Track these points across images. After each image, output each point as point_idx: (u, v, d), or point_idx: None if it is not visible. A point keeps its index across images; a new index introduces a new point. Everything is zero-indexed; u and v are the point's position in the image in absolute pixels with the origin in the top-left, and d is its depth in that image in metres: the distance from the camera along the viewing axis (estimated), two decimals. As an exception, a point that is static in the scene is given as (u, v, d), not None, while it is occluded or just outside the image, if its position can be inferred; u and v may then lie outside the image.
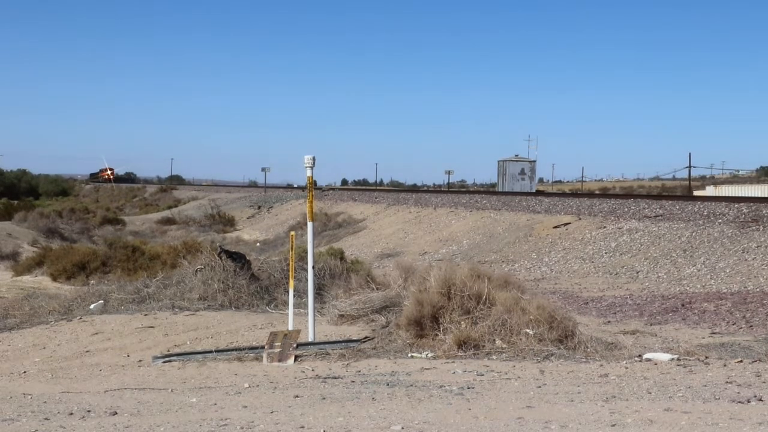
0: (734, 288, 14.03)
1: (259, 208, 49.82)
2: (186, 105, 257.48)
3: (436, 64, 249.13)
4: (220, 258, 13.06)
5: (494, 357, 8.12)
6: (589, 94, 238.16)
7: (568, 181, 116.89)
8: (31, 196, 76.69)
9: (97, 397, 6.70)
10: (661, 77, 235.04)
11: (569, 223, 23.55)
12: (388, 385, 6.77)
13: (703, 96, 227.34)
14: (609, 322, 11.74)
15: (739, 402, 5.57)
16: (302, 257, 12.43)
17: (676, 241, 18.57)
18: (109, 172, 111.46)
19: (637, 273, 16.94)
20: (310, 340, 9.11)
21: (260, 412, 5.55)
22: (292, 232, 11.16)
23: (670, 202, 24.88)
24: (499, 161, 54.65)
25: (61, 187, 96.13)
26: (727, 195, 42.35)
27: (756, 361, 7.91)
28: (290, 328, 9.47)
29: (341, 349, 8.76)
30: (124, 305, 12.56)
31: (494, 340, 8.44)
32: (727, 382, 6.54)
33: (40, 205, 53.14)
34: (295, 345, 8.74)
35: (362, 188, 75.28)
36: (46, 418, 5.50)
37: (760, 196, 39.06)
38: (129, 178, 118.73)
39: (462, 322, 8.69)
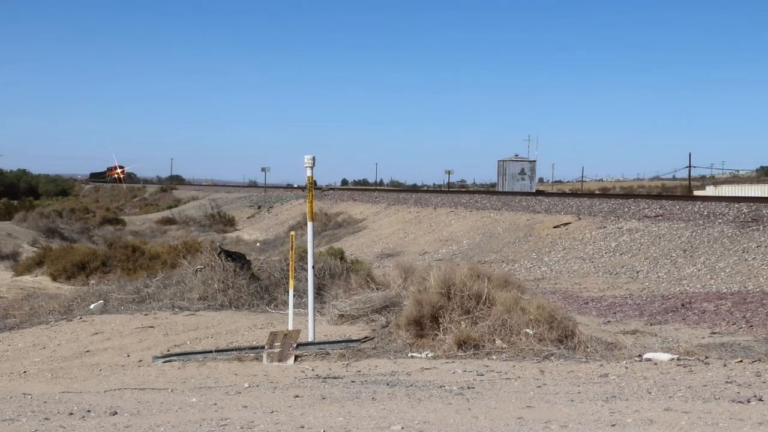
0: (734, 288, 14.02)
1: (259, 208, 49.81)
2: (186, 105, 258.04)
3: (436, 64, 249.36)
4: (220, 258, 13.05)
5: (494, 357, 8.12)
6: (589, 94, 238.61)
7: (568, 181, 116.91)
8: (31, 196, 76.58)
9: (97, 397, 6.70)
10: (661, 77, 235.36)
11: (569, 223, 23.54)
12: (388, 385, 6.76)
13: (703, 96, 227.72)
14: (609, 322, 11.74)
15: (739, 402, 5.57)
16: (302, 257, 12.43)
17: (676, 241, 18.57)
18: (119, 170, 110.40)
19: (637, 273, 16.94)
20: (310, 340, 9.11)
21: (260, 412, 5.54)
22: (292, 232, 11.16)
23: (670, 202, 24.87)
24: (499, 161, 54.67)
25: (61, 187, 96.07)
26: (727, 195, 42.35)
27: (756, 361, 7.91)
28: (290, 328, 9.47)
29: (341, 349, 8.76)
30: (124, 305, 12.56)
31: (494, 340, 8.44)
32: (727, 382, 6.54)
33: (40, 205, 53.08)
34: (295, 345, 8.74)
35: (362, 188, 75.23)
36: (46, 418, 5.50)
37: (760, 196, 39.07)
38: (128, 178, 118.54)
39: (462, 322, 8.69)
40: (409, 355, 8.43)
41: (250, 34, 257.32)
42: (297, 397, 6.29)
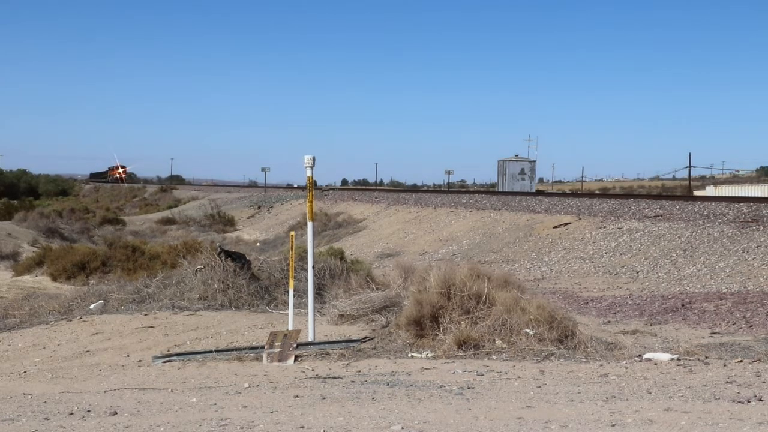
0: (734, 288, 14.02)
1: (259, 208, 49.80)
2: (186, 105, 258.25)
3: (436, 64, 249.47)
4: (220, 258, 13.05)
5: (494, 357, 8.12)
6: (589, 94, 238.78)
7: (568, 181, 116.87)
8: (31, 196, 76.57)
9: (97, 397, 6.70)
10: (661, 77, 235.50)
11: (569, 223, 23.54)
12: (388, 385, 6.76)
13: (703, 96, 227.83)
14: (609, 322, 11.74)
15: (739, 402, 5.57)
16: (302, 257, 12.43)
17: (676, 241, 18.57)
18: (121, 170, 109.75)
19: (637, 273, 16.93)
20: (310, 340, 9.11)
21: (260, 412, 5.54)
22: (292, 232, 11.16)
23: (670, 202, 24.87)
24: (499, 161, 54.66)
25: (61, 187, 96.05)
26: (727, 195, 42.34)
27: (756, 361, 7.91)
28: (290, 328, 9.47)
29: (341, 349, 8.76)
30: (124, 305, 12.56)
31: (494, 340, 8.44)
32: (727, 382, 6.54)
33: (40, 205, 53.09)
34: (295, 345, 8.74)
35: (362, 188, 75.20)
36: (46, 418, 5.50)
37: (760, 196, 39.05)
38: (128, 178, 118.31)
39: (462, 322, 8.69)
40: (409, 355, 8.43)
41: (250, 34, 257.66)
42: (297, 397, 6.29)
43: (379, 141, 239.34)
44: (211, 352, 8.99)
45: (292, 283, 9.94)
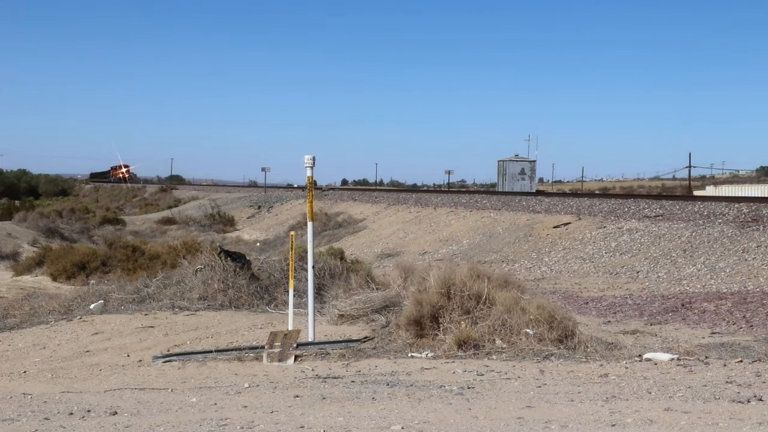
0: (734, 288, 14.02)
1: (259, 208, 49.78)
2: (186, 105, 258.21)
3: (435, 64, 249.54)
4: (220, 258, 13.05)
5: (494, 357, 8.12)
6: (589, 94, 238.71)
7: (568, 181, 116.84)
8: (31, 195, 76.62)
9: (97, 397, 6.70)
10: (661, 77, 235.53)
11: (569, 223, 23.54)
12: (388, 385, 6.76)
13: (703, 96, 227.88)
14: (609, 322, 11.74)
15: (739, 402, 5.57)
16: (302, 257, 12.43)
17: (676, 241, 18.57)
18: (124, 170, 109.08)
19: (637, 273, 16.93)
20: (310, 340, 9.11)
21: (260, 412, 5.55)
22: (292, 232, 11.16)
23: (670, 202, 24.87)
24: (499, 161, 54.64)
25: (61, 187, 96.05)
26: (727, 195, 42.33)
27: (756, 361, 7.91)
28: (290, 328, 9.47)
29: (341, 349, 8.76)
30: (124, 305, 12.57)
31: (494, 340, 8.44)
32: (727, 382, 6.54)
33: (40, 204, 53.12)
34: (295, 345, 8.74)
35: (362, 188, 75.12)
36: (46, 418, 5.50)
37: (760, 196, 39.05)
38: (130, 178, 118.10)
39: (462, 322, 8.69)
40: (409, 355, 8.43)
41: (250, 34, 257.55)
42: (297, 397, 6.29)
43: (379, 141, 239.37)
44: (211, 352, 8.99)
45: (292, 283, 9.94)
